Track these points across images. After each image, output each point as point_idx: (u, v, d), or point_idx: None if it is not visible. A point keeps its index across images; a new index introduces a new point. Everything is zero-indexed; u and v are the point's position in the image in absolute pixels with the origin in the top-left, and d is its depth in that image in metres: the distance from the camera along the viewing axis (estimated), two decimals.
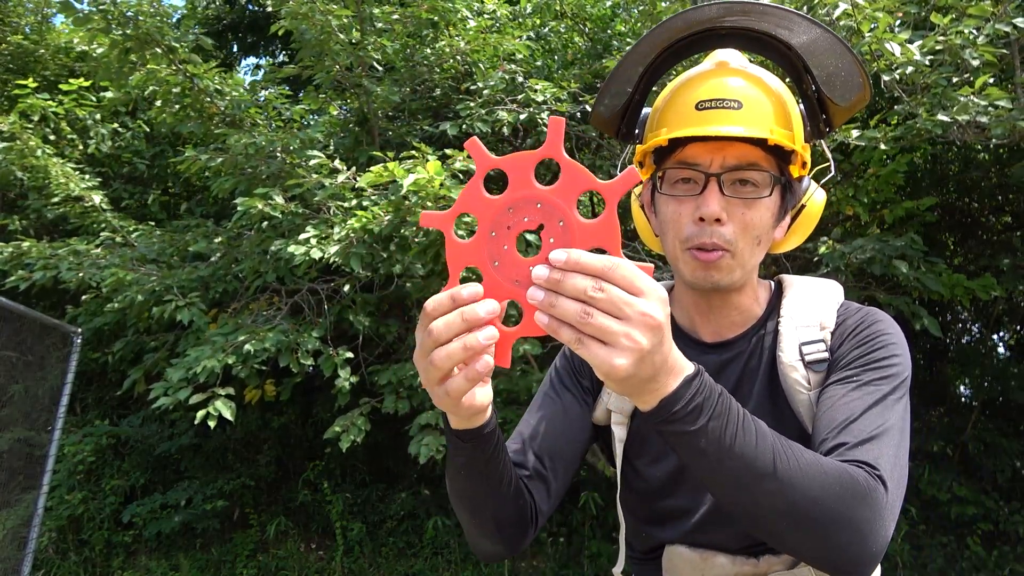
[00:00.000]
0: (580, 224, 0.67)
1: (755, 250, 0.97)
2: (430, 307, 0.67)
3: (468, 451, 0.83)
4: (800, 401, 0.96)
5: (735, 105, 0.93)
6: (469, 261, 0.71)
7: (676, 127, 0.95)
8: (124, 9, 3.91)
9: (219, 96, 4.24)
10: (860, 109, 1.01)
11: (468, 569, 4.83)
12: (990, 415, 5.40)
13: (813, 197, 1.05)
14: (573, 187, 0.67)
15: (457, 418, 0.80)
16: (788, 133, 0.95)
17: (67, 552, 5.13)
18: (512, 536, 0.94)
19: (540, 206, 0.68)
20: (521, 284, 0.68)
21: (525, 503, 0.94)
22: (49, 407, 4.58)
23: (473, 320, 0.65)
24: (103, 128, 5.58)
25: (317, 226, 3.42)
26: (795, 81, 1.01)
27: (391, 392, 3.69)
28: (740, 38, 0.99)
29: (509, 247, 0.70)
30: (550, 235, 0.68)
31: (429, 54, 4.43)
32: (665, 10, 3.94)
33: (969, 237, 5.16)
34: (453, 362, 0.66)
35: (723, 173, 0.93)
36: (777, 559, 0.97)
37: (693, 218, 0.94)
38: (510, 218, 0.70)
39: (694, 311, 1.06)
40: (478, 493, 0.88)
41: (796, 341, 0.98)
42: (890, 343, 0.94)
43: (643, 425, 1.05)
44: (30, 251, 4.21)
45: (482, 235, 0.71)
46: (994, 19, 2.74)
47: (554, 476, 1.00)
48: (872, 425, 0.84)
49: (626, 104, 1.06)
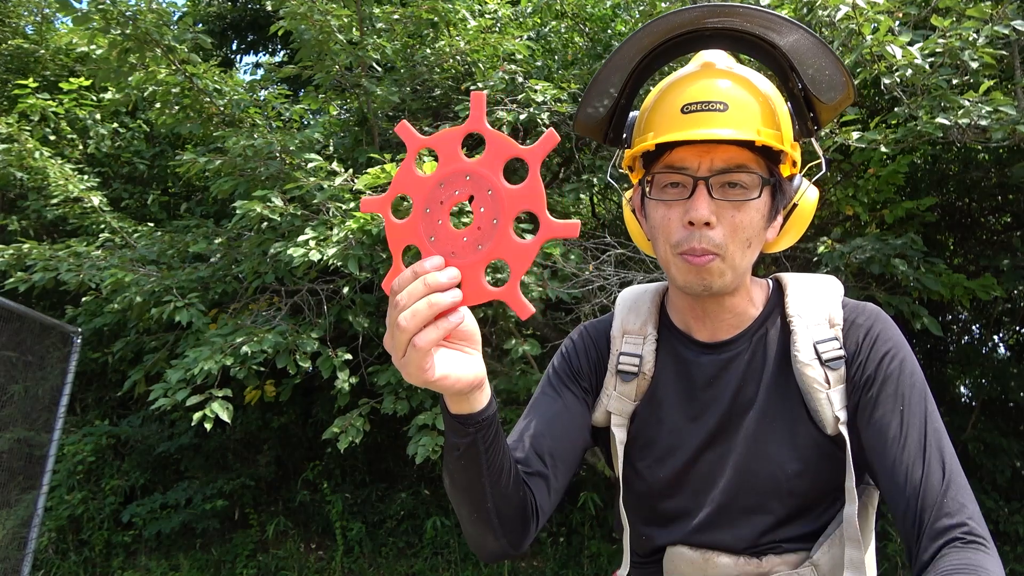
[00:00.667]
0: (507, 190, 0.69)
1: (746, 252, 0.96)
2: (395, 285, 0.70)
3: (468, 438, 0.82)
4: (818, 400, 0.95)
5: (721, 107, 0.92)
6: (408, 239, 0.74)
7: (662, 131, 0.95)
8: (123, 8, 3.90)
9: (218, 96, 4.24)
10: (845, 107, 1.00)
11: (468, 569, 4.83)
12: (990, 415, 5.40)
13: (806, 196, 1.04)
14: (498, 156, 0.70)
15: (454, 400, 0.79)
16: (776, 133, 0.94)
17: (67, 552, 5.13)
18: (514, 531, 0.93)
19: (469, 178, 0.71)
20: (456, 255, 0.71)
21: (526, 496, 0.94)
22: (49, 407, 4.58)
23: (436, 285, 0.68)
24: (103, 128, 5.57)
25: (316, 228, 3.42)
26: (781, 80, 1.00)
27: (390, 393, 3.69)
28: (726, 39, 0.99)
29: (443, 221, 0.72)
30: (480, 204, 0.70)
31: (429, 54, 4.43)
32: (665, 11, 3.94)
33: (969, 237, 5.16)
34: (419, 320, 0.67)
35: (711, 176, 0.92)
36: (780, 559, 0.96)
37: (683, 222, 0.93)
38: (442, 193, 0.72)
39: (689, 314, 1.05)
40: (478, 484, 0.86)
41: (810, 340, 0.98)
42: (908, 355, 0.97)
43: (644, 427, 1.05)
44: (30, 252, 4.21)
45: (417, 213, 0.73)
46: (993, 21, 2.73)
47: (555, 475, 0.99)
48: (938, 466, 0.88)
49: (612, 108, 1.05)
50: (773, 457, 0.97)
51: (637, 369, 1.05)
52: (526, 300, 0.68)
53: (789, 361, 0.99)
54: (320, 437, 3.81)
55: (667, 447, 1.03)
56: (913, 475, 0.88)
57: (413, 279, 0.68)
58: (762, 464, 0.98)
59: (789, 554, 0.97)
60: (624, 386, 1.06)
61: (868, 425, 0.94)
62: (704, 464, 1.00)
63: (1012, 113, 2.65)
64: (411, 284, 0.68)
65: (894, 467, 0.90)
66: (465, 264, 0.70)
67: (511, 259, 0.69)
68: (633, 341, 1.08)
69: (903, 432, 0.91)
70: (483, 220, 0.70)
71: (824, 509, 0.98)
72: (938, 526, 0.85)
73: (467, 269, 0.70)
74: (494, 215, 0.69)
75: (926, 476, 0.88)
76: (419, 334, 0.68)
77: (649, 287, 1.15)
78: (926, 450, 0.89)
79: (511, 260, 0.69)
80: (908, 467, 0.89)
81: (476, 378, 0.76)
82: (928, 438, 0.90)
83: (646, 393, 1.06)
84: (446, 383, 0.72)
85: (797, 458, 0.96)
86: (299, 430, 6.03)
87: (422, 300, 0.68)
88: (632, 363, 1.06)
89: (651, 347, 1.06)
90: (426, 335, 0.68)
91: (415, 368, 0.69)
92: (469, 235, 0.71)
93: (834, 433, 0.96)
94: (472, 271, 0.70)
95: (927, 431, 0.91)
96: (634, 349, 1.07)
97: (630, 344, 1.08)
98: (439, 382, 0.72)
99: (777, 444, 0.97)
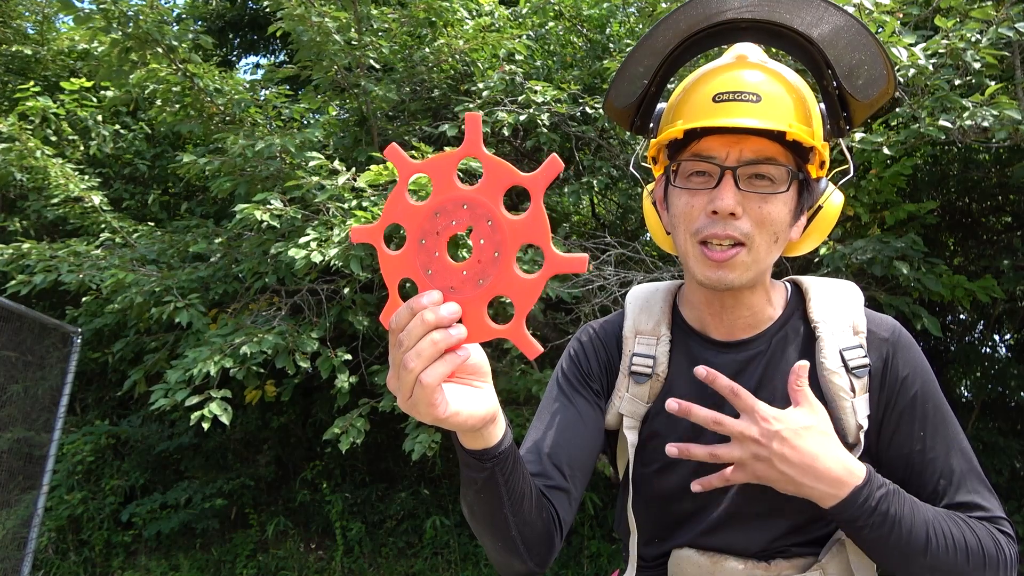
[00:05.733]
0: (508, 221, 0.65)
1: (772, 247, 0.93)
2: (393, 323, 0.66)
3: (485, 473, 0.79)
4: (843, 408, 0.94)
5: (754, 98, 0.90)
6: (403, 272, 0.70)
7: (692, 119, 0.92)
8: (124, 8, 3.90)
9: (218, 95, 4.24)
10: (882, 104, 0.97)
11: (468, 569, 4.83)
12: (990, 415, 5.39)
13: (831, 199, 1.02)
14: (497, 184, 0.66)
15: (468, 436, 0.76)
16: (808, 129, 0.92)
17: (67, 552, 5.13)
18: (540, 552, 0.91)
19: (466, 207, 0.67)
20: (456, 291, 0.67)
21: (549, 516, 0.91)
22: (49, 407, 4.58)
23: (437, 322, 0.64)
24: (104, 129, 5.57)
25: (317, 228, 3.41)
26: (816, 77, 0.98)
27: (390, 392, 3.68)
28: (759, 32, 0.97)
29: (440, 253, 0.68)
30: (480, 236, 0.66)
31: (427, 54, 4.42)
32: (665, 10, 3.93)
33: (969, 237, 5.15)
34: (425, 360, 0.64)
35: (739, 167, 0.90)
36: (788, 563, 0.95)
37: (706, 211, 0.91)
38: (438, 223, 0.68)
39: (705, 310, 1.03)
40: (500, 515, 0.84)
41: (836, 347, 0.96)
42: (929, 377, 1.00)
43: (656, 430, 1.03)
44: (30, 253, 4.20)
45: (412, 244, 0.70)
46: (997, 22, 2.73)
47: (574, 485, 0.97)
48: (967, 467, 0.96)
49: (641, 96, 1.02)
50: None
51: (651, 370, 1.03)
52: (533, 339, 0.65)
53: (811, 367, 0.97)
54: (320, 437, 3.81)
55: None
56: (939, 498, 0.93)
57: (411, 316, 0.65)
58: None
59: (798, 558, 0.96)
60: (637, 388, 1.04)
61: (888, 448, 0.95)
62: (717, 468, 0.99)
63: (1017, 117, 2.65)
64: (411, 322, 0.65)
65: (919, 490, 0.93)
66: (465, 299, 0.66)
67: (515, 296, 0.65)
68: (646, 342, 1.05)
69: (924, 460, 0.95)
70: (483, 253, 0.66)
71: None
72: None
73: (468, 305, 0.66)
74: (495, 248, 0.65)
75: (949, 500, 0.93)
76: (425, 370, 0.64)
77: (660, 285, 1.12)
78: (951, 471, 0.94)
79: (515, 297, 0.65)
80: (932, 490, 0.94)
81: (488, 413, 0.72)
82: (952, 456, 0.95)
83: (659, 395, 1.03)
84: (458, 420, 0.69)
85: None
86: (299, 430, 6.02)
87: (425, 339, 0.64)
88: (646, 364, 1.03)
89: (665, 348, 1.04)
90: (433, 371, 0.64)
91: (425, 406, 0.66)
92: (469, 269, 0.67)
93: (854, 441, 0.94)
94: (473, 307, 0.66)
95: (949, 455, 0.95)
96: (647, 350, 1.05)
97: (643, 345, 1.05)
98: (450, 419, 0.68)
99: None
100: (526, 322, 0.66)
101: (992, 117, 2.67)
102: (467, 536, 5.10)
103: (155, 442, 5.64)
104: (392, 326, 0.66)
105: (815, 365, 0.97)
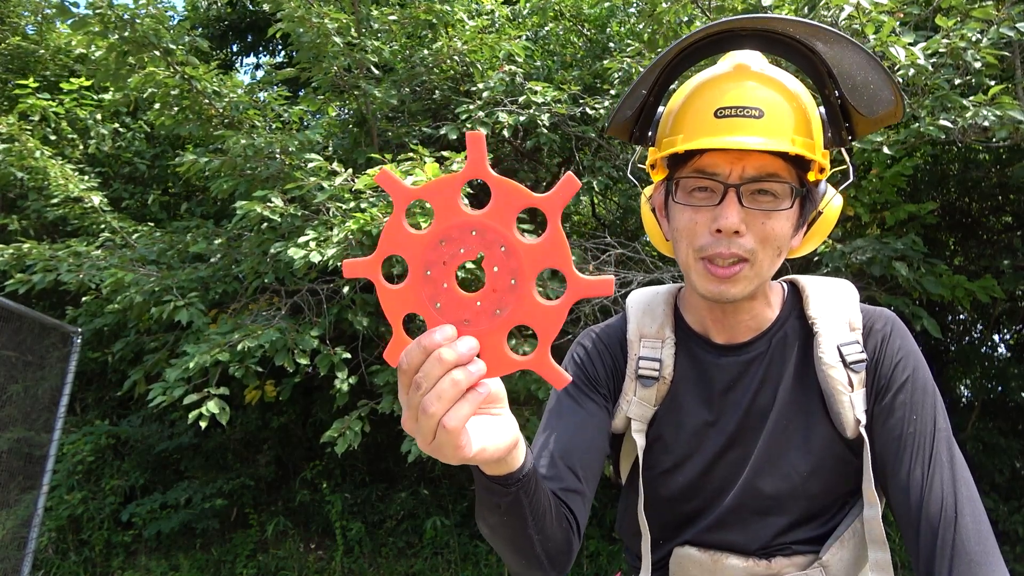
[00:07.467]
0: (524, 246, 0.60)
1: (775, 261, 0.94)
2: (404, 364, 0.60)
3: (510, 497, 0.77)
4: (841, 402, 0.95)
5: (756, 113, 0.88)
6: (408, 307, 0.63)
7: (694, 135, 0.91)
8: (121, 12, 3.90)
9: (217, 98, 4.24)
10: (889, 123, 0.96)
11: (468, 569, 4.83)
12: (990, 415, 5.40)
13: (831, 203, 1.02)
14: (508, 207, 0.60)
15: (491, 465, 0.72)
16: (809, 142, 0.91)
17: (67, 552, 5.13)
18: (560, 560, 0.91)
19: (475, 233, 0.61)
20: (471, 323, 0.62)
21: (567, 522, 0.91)
22: (49, 407, 4.58)
23: (456, 360, 0.59)
24: (103, 128, 5.57)
25: (316, 228, 3.42)
26: (818, 86, 0.98)
27: (389, 392, 3.68)
28: (761, 39, 0.96)
29: (449, 284, 0.62)
30: (493, 263, 0.61)
31: (427, 55, 4.42)
32: (665, 11, 3.93)
33: (969, 237, 5.16)
34: (446, 403, 0.59)
35: (742, 184, 0.90)
36: (789, 561, 0.96)
37: (710, 229, 0.91)
38: (444, 252, 0.62)
39: (707, 316, 1.04)
40: (524, 535, 0.82)
41: (833, 342, 0.97)
42: (920, 364, 0.98)
43: (663, 432, 1.03)
44: (30, 252, 4.21)
45: (416, 276, 0.63)
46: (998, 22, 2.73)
47: (588, 486, 0.97)
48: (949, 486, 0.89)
49: (640, 106, 1.02)
50: (789, 459, 0.97)
51: (657, 373, 1.03)
52: (559, 367, 0.61)
53: (809, 363, 0.98)
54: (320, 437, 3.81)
55: (686, 452, 1.01)
56: (922, 489, 0.89)
57: (424, 355, 0.59)
58: (778, 466, 0.97)
59: (798, 556, 0.97)
60: (644, 391, 1.04)
61: (880, 433, 0.95)
62: (722, 468, 1.00)
63: (1020, 117, 2.65)
64: (426, 363, 0.59)
65: (906, 479, 0.91)
66: (482, 332, 0.61)
67: (537, 324, 0.61)
68: (651, 345, 1.06)
69: (914, 443, 0.92)
70: (498, 281, 0.61)
71: (835, 511, 0.98)
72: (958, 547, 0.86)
73: (485, 337, 0.61)
74: (511, 275, 0.60)
75: (931, 491, 0.89)
76: (447, 413, 0.59)
77: (660, 289, 1.13)
78: (933, 461, 0.91)
79: (537, 325, 0.61)
80: (917, 480, 0.90)
81: (513, 440, 0.69)
82: (937, 447, 0.92)
83: (666, 397, 1.04)
84: (485, 456, 0.65)
85: (812, 460, 0.96)
86: (299, 430, 6.03)
87: (444, 379, 0.58)
88: (652, 367, 1.04)
89: (670, 351, 1.04)
90: (456, 413, 0.59)
91: (450, 449, 0.61)
92: (483, 299, 0.61)
93: (853, 436, 0.95)
94: (491, 339, 0.61)
95: (936, 440, 0.92)
96: (653, 353, 1.05)
97: (648, 348, 1.06)
98: (477, 457, 0.64)
99: (794, 447, 0.97)
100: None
101: (994, 117, 2.68)
102: (467, 536, 5.10)
103: (155, 442, 5.65)
104: (402, 366, 0.60)
105: (813, 361, 0.98)
